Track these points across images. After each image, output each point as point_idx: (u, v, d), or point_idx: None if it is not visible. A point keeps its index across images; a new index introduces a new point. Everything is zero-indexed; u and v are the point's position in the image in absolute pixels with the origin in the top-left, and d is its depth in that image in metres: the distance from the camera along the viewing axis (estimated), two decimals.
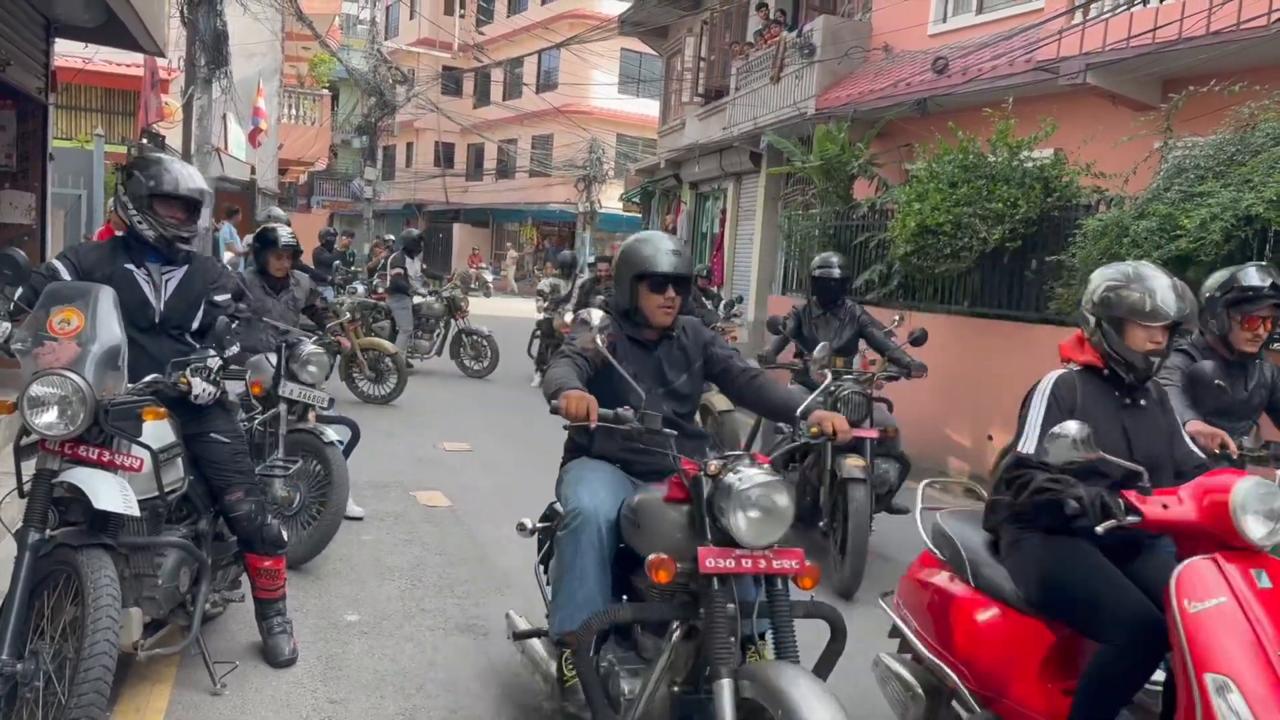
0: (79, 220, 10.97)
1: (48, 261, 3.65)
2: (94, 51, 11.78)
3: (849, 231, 10.97)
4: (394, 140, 40.14)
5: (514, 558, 5.52)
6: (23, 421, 3.06)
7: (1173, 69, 8.86)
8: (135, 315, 3.54)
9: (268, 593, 3.97)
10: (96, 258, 3.66)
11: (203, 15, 12.82)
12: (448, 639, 4.35)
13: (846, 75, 13.26)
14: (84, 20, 7.16)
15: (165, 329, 3.69)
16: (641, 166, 24.09)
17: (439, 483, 7.19)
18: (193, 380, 3.44)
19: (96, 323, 3.15)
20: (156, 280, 3.67)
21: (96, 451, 3.14)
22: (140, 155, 3.77)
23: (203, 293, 3.79)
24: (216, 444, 3.73)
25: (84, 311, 3.14)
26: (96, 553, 3.05)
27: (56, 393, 3.00)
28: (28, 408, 3.01)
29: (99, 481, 3.07)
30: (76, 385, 3.00)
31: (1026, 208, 8.17)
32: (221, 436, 3.74)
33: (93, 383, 3.04)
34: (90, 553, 3.03)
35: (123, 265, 3.63)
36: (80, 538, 3.09)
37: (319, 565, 5.15)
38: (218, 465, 3.72)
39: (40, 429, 3.03)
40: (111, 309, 3.23)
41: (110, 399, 3.13)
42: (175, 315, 3.71)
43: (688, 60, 19.64)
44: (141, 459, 3.25)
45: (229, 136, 18.97)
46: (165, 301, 3.68)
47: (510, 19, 38.03)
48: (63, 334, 3.08)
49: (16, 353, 3.15)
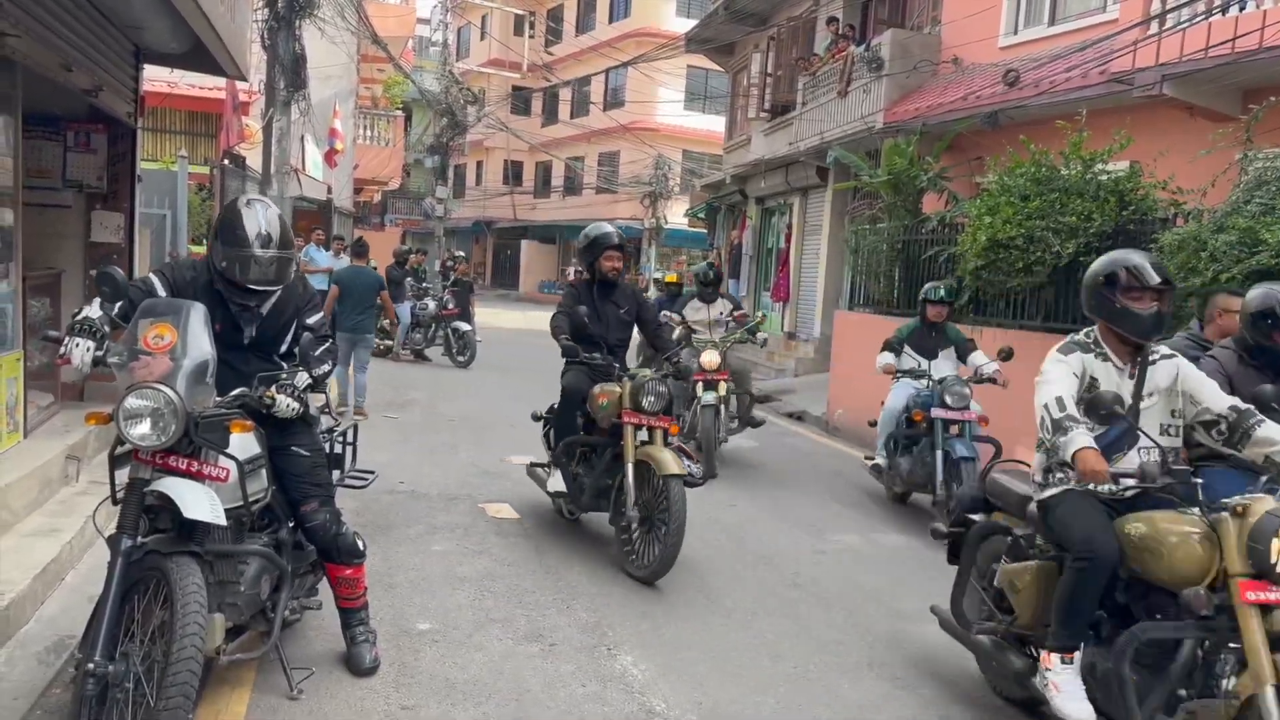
0: (164, 239, 11.36)
1: (144, 275, 3.78)
2: (180, 76, 12.20)
3: (917, 246, 10.88)
4: (464, 159, 40.78)
5: (579, 571, 5.59)
6: (118, 432, 3.17)
7: (1253, 79, 8.65)
8: (225, 336, 3.67)
9: (349, 601, 4.06)
10: (190, 275, 3.76)
11: (282, 40, 13.21)
12: (516, 648, 4.41)
13: (915, 89, 13.16)
14: (171, 47, 7.44)
15: (254, 349, 3.81)
16: (707, 182, 24.13)
17: (505, 495, 7.29)
18: (277, 396, 3.56)
19: (188, 338, 3.26)
20: (249, 304, 3.75)
21: (186, 462, 3.25)
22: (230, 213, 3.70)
23: (294, 316, 3.89)
24: (297, 457, 3.83)
25: (176, 327, 3.25)
26: (185, 560, 3.15)
27: (150, 405, 3.12)
28: (122, 419, 3.12)
29: (188, 491, 3.18)
30: (169, 398, 3.12)
31: (1101, 221, 8.03)
32: (302, 450, 3.84)
33: (184, 396, 3.15)
34: (179, 559, 3.14)
35: (214, 286, 3.72)
36: (170, 545, 3.21)
37: (393, 574, 5.27)
38: (297, 477, 3.82)
39: (134, 440, 3.14)
40: (202, 325, 3.34)
41: (200, 412, 3.25)
42: (266, 338, 3.84)
43: (754, 76, 19.66)
44: (228, 470, 3.36)
45: (306, 157, 19.48)
46: (258, 326, 3.80)
47: (578, 39, 38.44)
48: (156, 349, 3.21)
49: (113, 366, 3.27)
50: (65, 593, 4.62)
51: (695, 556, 6.06)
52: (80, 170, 7.51)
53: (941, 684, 4.38)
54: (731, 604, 5.24)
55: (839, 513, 7.63)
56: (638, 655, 4.43)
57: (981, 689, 4.34)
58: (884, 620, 5.15)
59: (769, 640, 4.75)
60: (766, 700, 4.10)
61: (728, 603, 5.25)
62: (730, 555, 6.19)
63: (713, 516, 7.13)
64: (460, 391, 12.89)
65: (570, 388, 6.07)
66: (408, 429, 9.81)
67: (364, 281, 10.42)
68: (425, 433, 9.67)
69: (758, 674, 4.35)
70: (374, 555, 5.50)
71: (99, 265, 7.71)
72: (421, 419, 10.50)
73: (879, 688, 4.31)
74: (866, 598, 5.50)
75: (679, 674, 4.27)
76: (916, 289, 10.92)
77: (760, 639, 4.76)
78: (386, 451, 8.51)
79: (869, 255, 11.72)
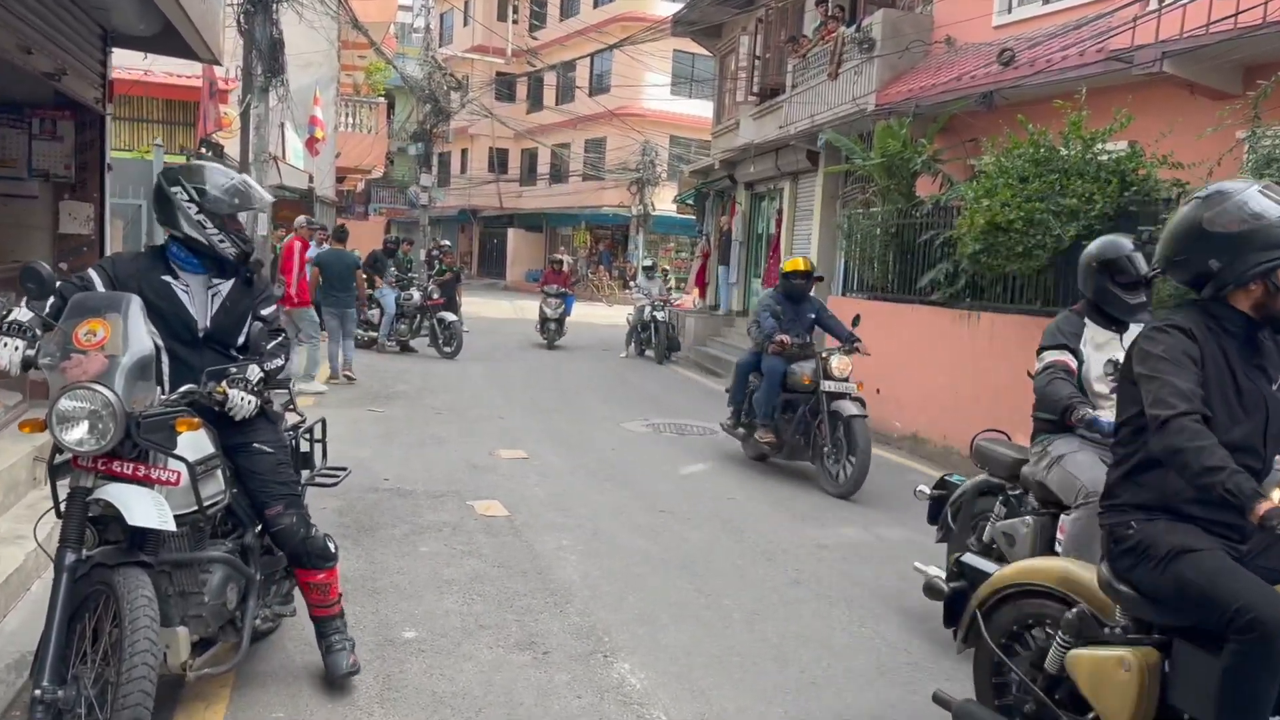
0: (139, 230, 11.05)
1: (82, 271, 3.49)
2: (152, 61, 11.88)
3: (912, 230, 10.67)
4: (449, 147, 40.38)
5: (572, 571, 5.37)
6: (52, 438, 2.92)
7: (1254, 55, 8.44)
8: (176, 328, 3.43)
9: (322, 609, 3.79)
10: (134, 268, 3.49)
11: (259, 24, 12.87)
12: (507, 657, 4.19)
13: (908, 70, 12.92)
14: (140, 29, 7.14)
15: (209, 343, 3.53)
16: (695, 168, 23.84)
17: (495, 492, 7.06)
18: (229, 391, 3.29)
19: (126, 332, 2.99)
20: (201, 294, 3.52)
21: (131, 466, 2.99)
22: (195, 166, 3.58)
23: (250, 307, 3.64)
24: (259, 455, 3.56)
25: (111, 322, 2.98)
26: (132, 571, 2.90)
27: (85, 407, 2.87)
28: (56, 424, 2.87)
29: (133, 497, 2.93)
30: (105, 399, 2.86)
31: (1103, 203, 7.82)
32: (265, 447, 3.58)
33: (122, 395, 2.89)
34: (126, 571, 2.89)
35: (159, 277, 3.48)
36: (116, 556, 2.95)
37: (377, 578, 5.04)
38: (260, 477, 3.55)
39: (70, 445, 2.89)
40: (140, 318, 3.07)
41: (141, 411, 2.99)
42: (221, 329, 3.56)
43: (742, 59, 19.37)
44: (179, 472, 3.10)
45: (287, 145, 19.12)
46: (212, 316, 3.54)
47: (563, 23, 38.05)
48: (89, 346, 2.93)
49: (44, 367, 3.00)
50: (29, 605, 4.35)
51: (694, 553, 5.85)
52: (47, 159, 7.22)
53: (956, 690, 4.17)
54: (732, 604, 5.02)
55: (837, 503, 7.42)
56: (635, 662, 4.21)
57: None
58: (892, 620, 4.94)
59: (773, 644, 4.53)
60: (773, 710, 3.88)
61: (728, 603, 5.03)
62: (730, 551, 5.97)
63: (711, 510, 6.92)
64: (447, 383, 12.64)
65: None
66: (392, 423, 9.55)
67: (344, 262, 12.13)
68: (411, 426, 9.42)
69: (763, 681, 4.13)
70: (357, 558, 5.30)
71: (68, 258, 7.48)
72: (407, 412, 10.25)
73: (891, 694, 4.10)
74: (872, 596, 5.29)
75: (679, 682, 4.05)
76: (911, 273, 10.78)
77: (764, 642, 4.54)
78: (369, 446, 8.28)
79: (863, 240, 11.49)
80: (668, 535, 6.22)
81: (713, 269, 21.49)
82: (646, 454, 8.87)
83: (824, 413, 7.77)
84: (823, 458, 7.87)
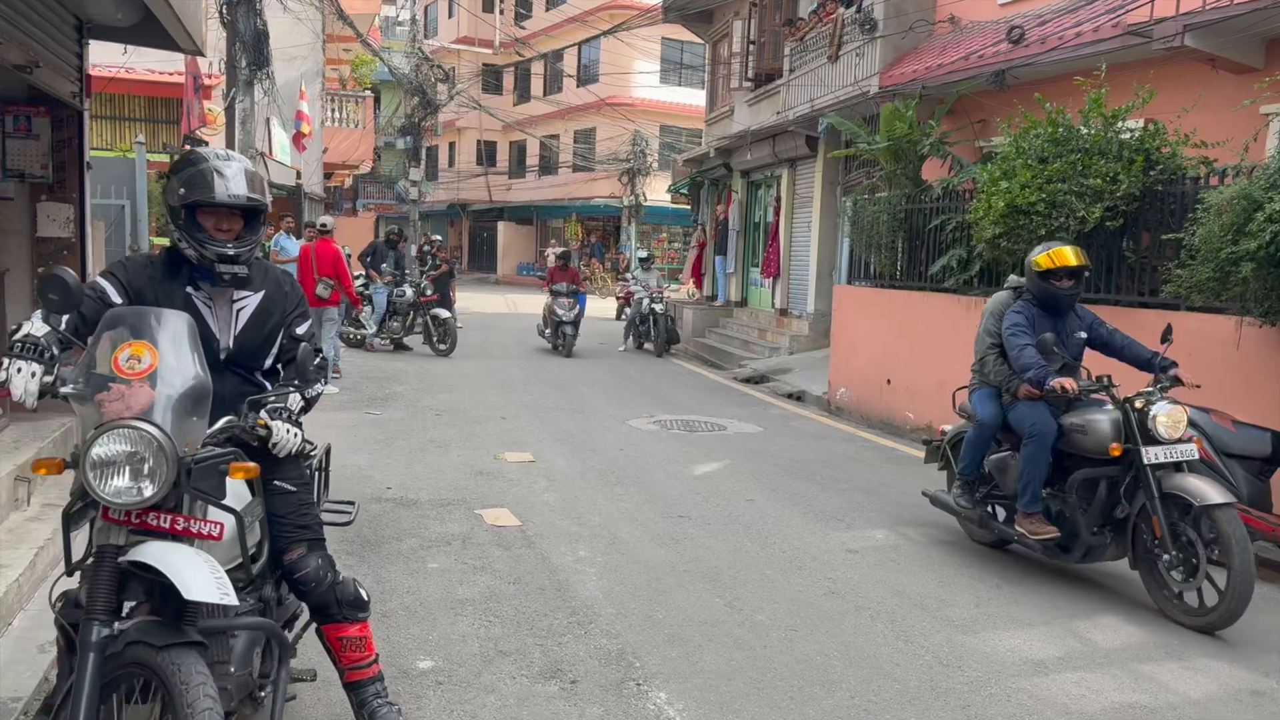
0: (123, 232, 10.68)
1: (92, 281, 2.95)
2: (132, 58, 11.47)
3: (921, 215, 10.37)
4: (436, 140, 39.90)
5: (593, 587, 5.04)
6: (84, 486, 2.42)
7: (1277, 27, 8.14)
8: None
9: (359, 671, 3.14)
10: (148, 276, 2.93)
11: (242, 15, 12.47)
12: (532, 688, 3.86)
13: (911, 50, 12.58)
14: (118, 19, 6.75)
15: (230, 365, 2.99)
16: (689, 156, 23.47)
17: (503, 499, 6.72)
18: (273, 425, 2.78)
19: (175, 359, 2.51)
20: (225, 308, 2.98)
21: (170, 519, 2.47)
22: (188, 152, 2.98)
23: (280, 324, 3.08)
24: (282, 495, 3.05)
25: (158, 345, 2.50)
26: (189, 657, 2.37)
27: (127, 450, 2.37)
28: (91, 471, 2.37)
29: (182, 562, 2.40)
30: (154, 440, 2.37)
31: (1128, 183, 7.51)
32: (288, 485, 3.07)
33: (173, 435, 2.42)
34: (179, 656, 2.36)
35: (182, 289, 2.92)
36: (161, 635, 2.41)
37: (385, 599, 4.70)
38: (281, 519, 3.04)
39: (108, 498, 2.39)
40: (188, 339, 2.59)
41: (193, 454, 2.49)
42: (246, 351, 3.02)
43: (735, 45, 19.00)
44: (221, 524, 2.54)
45: (273, 141, 18.71)
46: (235, 336, 2.99)
47: (550, 12, 37.58)
48: (133, 375, 2.44)
49: (70, 398, 2.50)
50: (12, 642, 4.00)
51: (719, 563, 5.53)
52: (21, 158, 6.84)
53: (1014, 710, 3.87)
54: (767, 620, 4.70)
55: (861, 502, 7.11)
56: (672, 691, 3.88)
57: (1062, 715, 3.83)
58: (938, 633, 4.62)
59: (816, 664, 4.21)
60: None
61: (762, 618, 4.71)
62: (756, 559, 5.65)
63: (731, 514, 6.60)
64: (444, 382, 12.29)
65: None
66: (390, 426, 9.21)
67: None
68: (410, 430, 9.07)
69: (812, 708, 3.80)
70: (363, 576, 4.94)
71: (47, 262, 7.10)
72: (405, 415, 9.90)
73: (949, 717, 3.78)
74: (914, 606, 4.97)
75: (722, 712, 3.73)
76: (920, 260, 10.47)
77: (806, 663, 4.21)
78: (368, 453, 7.94)
79: (869, 226, 11.16)
80: (689, 543, 5.90)
81: (709, 259, 21.17)
82: (656, 453, 8.55)
83: (1154, 497, 4.95)
84: (1157, 566, 5.02)
